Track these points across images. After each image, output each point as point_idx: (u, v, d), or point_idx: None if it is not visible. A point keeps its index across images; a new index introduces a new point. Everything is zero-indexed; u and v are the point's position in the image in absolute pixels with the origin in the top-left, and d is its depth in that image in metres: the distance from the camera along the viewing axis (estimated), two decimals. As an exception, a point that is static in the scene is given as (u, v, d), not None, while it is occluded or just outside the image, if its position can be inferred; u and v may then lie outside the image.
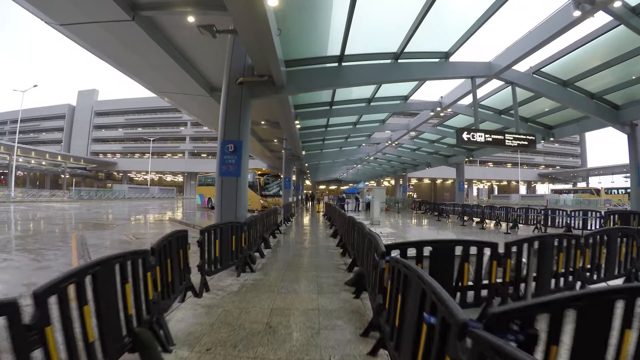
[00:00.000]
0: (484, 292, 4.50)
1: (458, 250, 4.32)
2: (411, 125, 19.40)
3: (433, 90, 17.32)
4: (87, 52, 13.25)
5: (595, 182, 73.78)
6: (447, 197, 73.62)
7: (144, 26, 9.73)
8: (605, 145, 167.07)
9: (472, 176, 76.21)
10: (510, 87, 14.07)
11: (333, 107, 14.12)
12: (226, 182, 8.21)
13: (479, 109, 16.10)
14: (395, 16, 8.57)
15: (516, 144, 11.05)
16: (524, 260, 4.87)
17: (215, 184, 8.37)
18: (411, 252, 4.11)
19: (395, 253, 3.80)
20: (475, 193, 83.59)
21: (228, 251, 6.05)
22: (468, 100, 15.60)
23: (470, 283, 4.46)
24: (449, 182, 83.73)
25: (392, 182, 60.40)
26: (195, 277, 5.22)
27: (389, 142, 23.83)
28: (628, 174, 63.22)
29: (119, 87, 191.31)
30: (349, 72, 9.80)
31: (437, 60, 10.54)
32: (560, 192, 65.75)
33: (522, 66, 11.58)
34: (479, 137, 10.37)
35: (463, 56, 10.75)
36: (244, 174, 8.36)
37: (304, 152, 22.71)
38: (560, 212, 15.17)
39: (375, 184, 57.53)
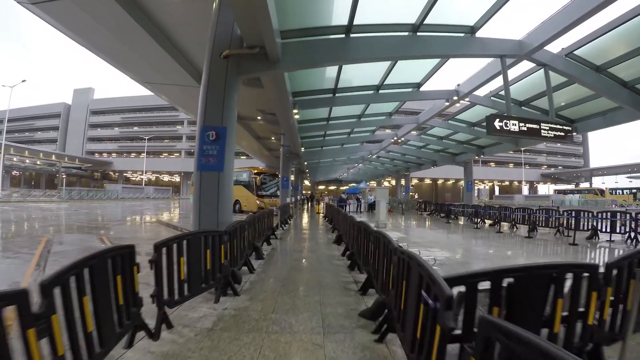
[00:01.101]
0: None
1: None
2: (421, 119, 17.80)
3: (447, 80, 16.05)
4: (81, 46, 12.21)
5: (598, 182, 72.87)
6: (448, 198, 72.47)
7: (120, 1, 8.55)
8: (608, 146, 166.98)
9: (474, 176, 74.71)
10: (530, 76, 12.75)
11: (336, 94, 12.49)
12: (206, 179, 6.52)
13: (497, 99, 14.66)
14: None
15: (552, 135, 9.51)
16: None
17: (194, 182, 6.70)
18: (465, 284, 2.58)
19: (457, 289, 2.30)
20: (476, 193, 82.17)
21: (200, 271, 4.48)
22: (485, 90, 14.15)
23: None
24: (450, 182, 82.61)
25: (393, 182, 58.93)
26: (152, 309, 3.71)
27: (395, 137, 22.26)
28: (632, 175, 62.94)
29: (115, 85, 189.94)
30: (359, 44, 8.15)
31: (461, 35, 8.97)
32: (564, 192, 64.68)
33: (554, 47, 10.13)
34: (513, 126, 8.81)
35: (490, 33, 9.23)
36: (228, 168, 6.68)
37: (303, 149, 21.12)
38: (586, 213, 13.70)
39: (375, 184, 55.88)
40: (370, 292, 5.19)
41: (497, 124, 8.60)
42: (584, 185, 77.26)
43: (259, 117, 17.29)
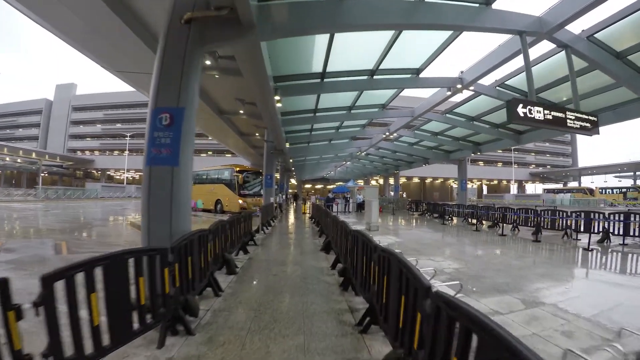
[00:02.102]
0: None
1: None
2: (417, 112, 16.45)
3: (449, 69, 15.19)
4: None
5: (586, 181, 73.19)
6: (437, 197, 71.75)
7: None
8: (596, 146, 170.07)
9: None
10: (537, 65, 11.49)
11: (325, 79, 10.97)
12: (156, 176, 4.86)
13: (503, 89, 13.42)
14: None
15: (578, 126, 8.24)
16: None
17: (143, 180, 5.13)
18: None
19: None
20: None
21: (129, 309, 3.07)
22: (489, 79, 13.00)
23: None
24: (439, 181, 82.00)
25: (381, 181, 57.81)
26: None
27: (387, 133, 20.95)
28: (621, 174, 63.11)
29: (100, 81, 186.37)
30: (355, 7, 6.66)
31: (476, 4, 7.60)
32: (554, 191, 64.42)
33: (573, 28, 8.92)
34: (537, 113, 7.50)
35: (507, 6, 7.99)
36: (186, 162, 5.04)
37: (287, 145, 19.60)
38: (597, 215, 12.63)
39: (363, 183, 54.61)
40: (373, 329, 3.83)
41: (520, 109, 7.27)
42: (573, 184, 77.48)
43: (241, 111, 15.81)
